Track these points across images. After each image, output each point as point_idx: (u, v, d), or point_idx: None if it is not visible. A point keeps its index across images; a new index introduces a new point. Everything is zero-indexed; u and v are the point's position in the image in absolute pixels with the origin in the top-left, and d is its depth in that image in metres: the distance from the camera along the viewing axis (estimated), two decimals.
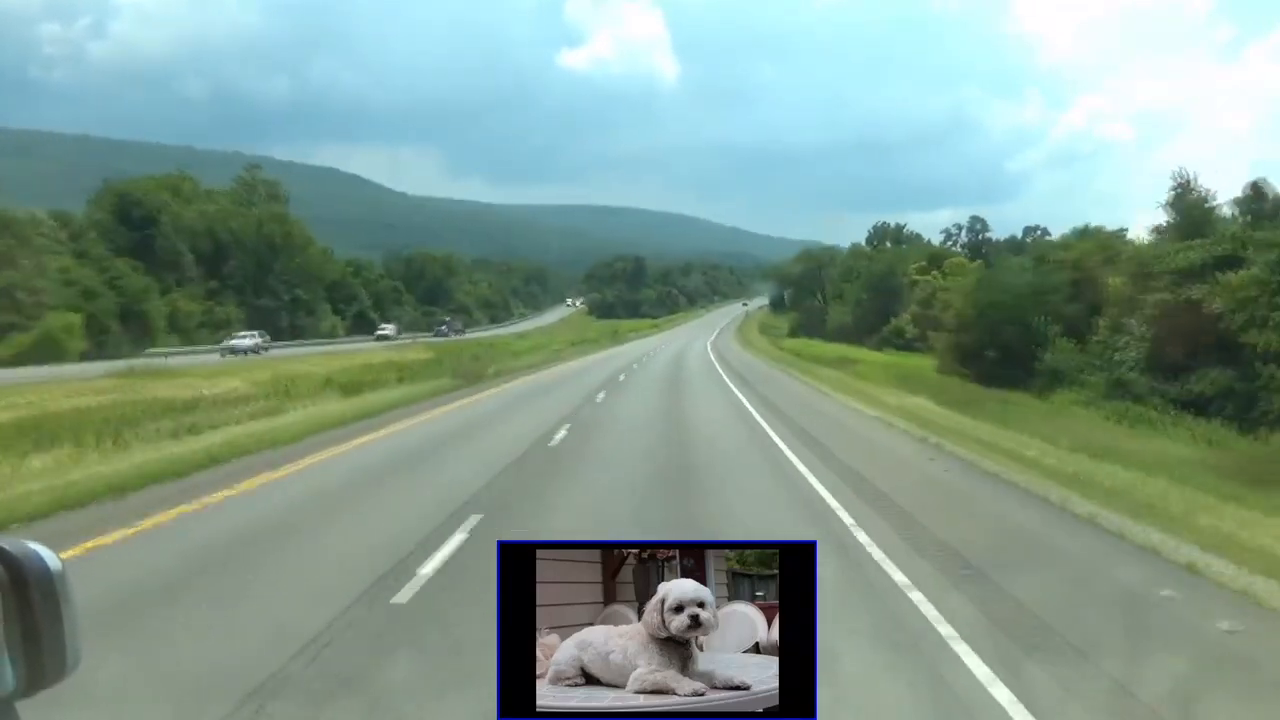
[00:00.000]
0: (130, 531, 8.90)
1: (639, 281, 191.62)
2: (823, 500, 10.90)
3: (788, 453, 15.00)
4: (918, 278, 69.96)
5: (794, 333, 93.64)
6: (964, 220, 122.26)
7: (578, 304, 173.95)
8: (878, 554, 8.08)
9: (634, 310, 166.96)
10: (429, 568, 7.50)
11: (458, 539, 8.54)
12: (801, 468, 13.38)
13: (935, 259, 75.76)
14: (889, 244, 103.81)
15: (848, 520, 9.63)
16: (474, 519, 9.45)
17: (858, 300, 77.66)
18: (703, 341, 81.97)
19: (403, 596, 6.71)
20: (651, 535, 5.66)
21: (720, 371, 41.85)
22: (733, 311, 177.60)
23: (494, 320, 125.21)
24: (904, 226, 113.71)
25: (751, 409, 23.23)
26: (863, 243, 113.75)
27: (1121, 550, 8.44)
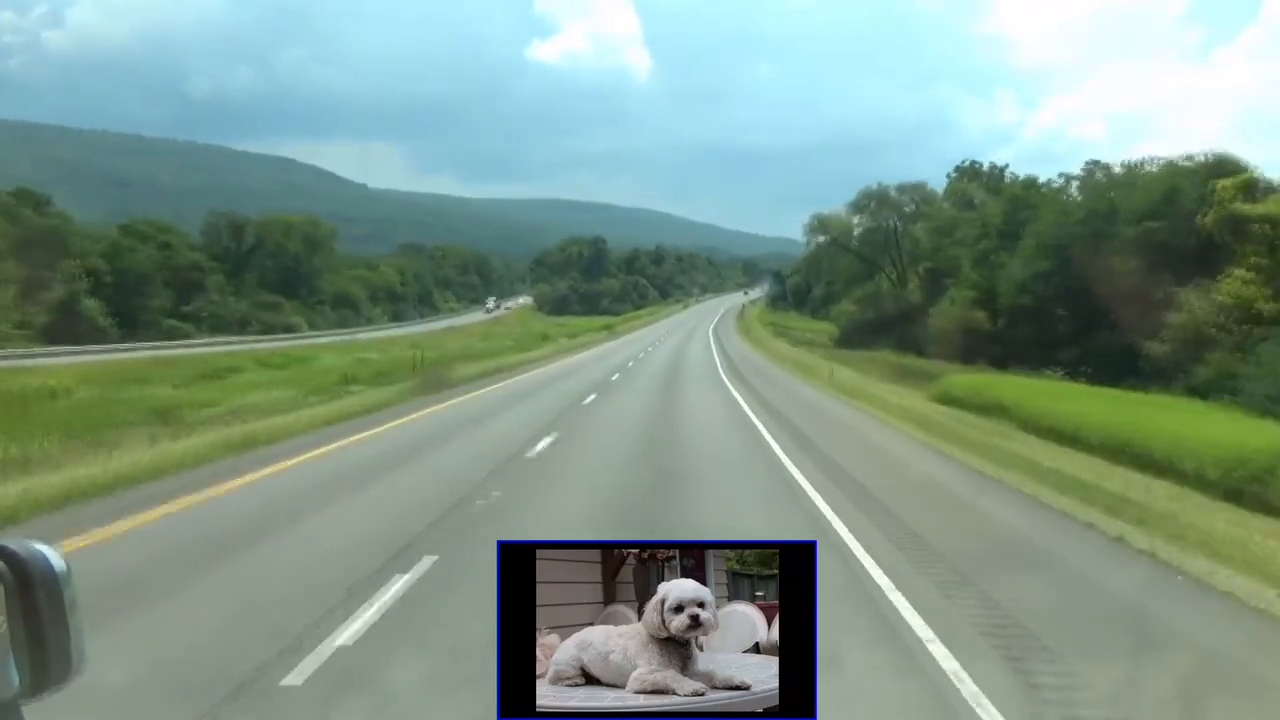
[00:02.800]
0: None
1: (598, 270, 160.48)
2: None
3: None
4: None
5: (843, 343, 59.26)
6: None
7: (508, 305, 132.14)
8: None
9: (592, 304, 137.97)
10: None
11: None
12: None
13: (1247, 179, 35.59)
14: (978, 195, 62.98)
15: None
16: None
17: (1024, 284, 41.28)
18: (705, 388, 30.56)
19: None
20: None
21: None
22: (724, 305, 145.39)
23: (398, 318, 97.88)
24: (1005, 166, 70.65)
25: None
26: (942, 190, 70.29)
27: None
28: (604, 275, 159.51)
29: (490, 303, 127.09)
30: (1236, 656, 6.17)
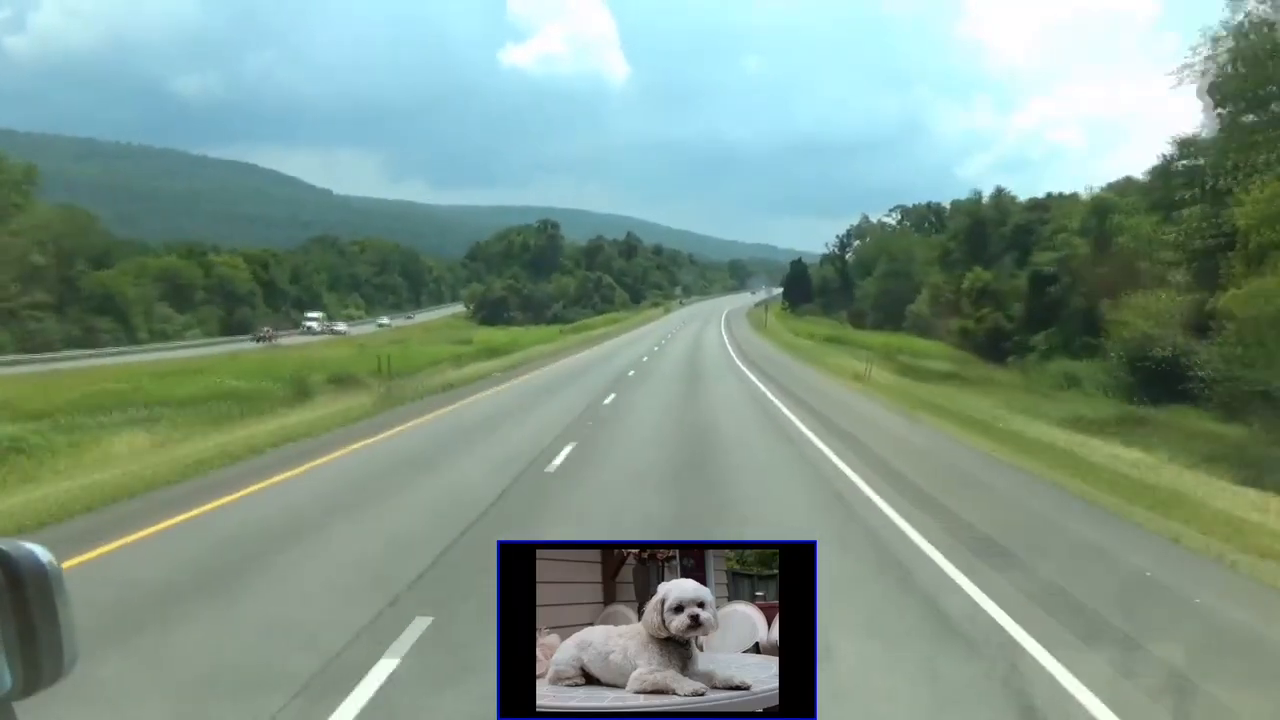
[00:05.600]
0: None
1: (549, 264, 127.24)
2: None
3: None
4: None
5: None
6: None
7: (391, 321, 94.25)
8: None
9: (539, 309, 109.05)
10: None
11: None
12: None
13: None
14: None
15: None
16: None
17: None
18: None
19: None
20: None
21: None
22: (724, 308, 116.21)
23: (236, 330, 70.31)
24: None
25: None
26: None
27: None
28: (556, 271, 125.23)
29: (314, 320, 79.31)
30: None
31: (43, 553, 1.25)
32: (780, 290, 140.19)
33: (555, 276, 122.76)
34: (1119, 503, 10.54)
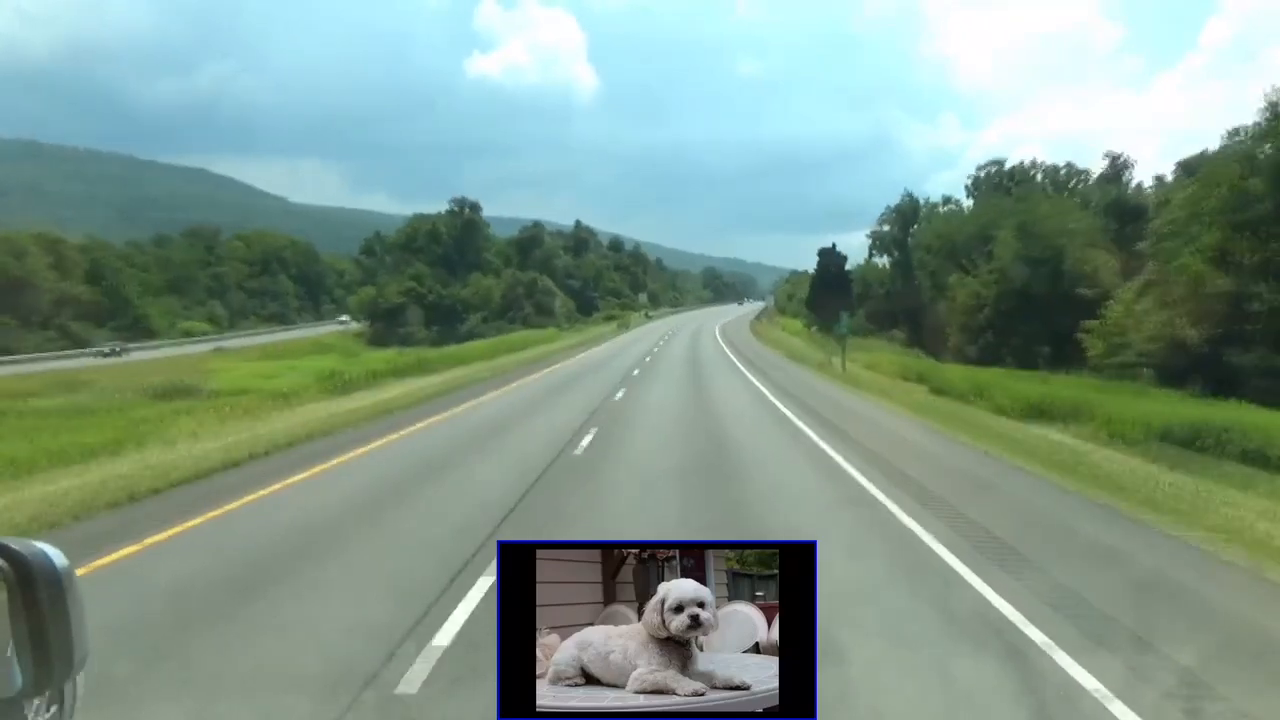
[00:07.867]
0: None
1: (466, 261, 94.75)
2: None
3: None
4: None
5: None
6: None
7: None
8: None
9: (449, 323, 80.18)
10: None
11: None
12: None
13: None
14: None
15: None
16: None
17: None
18: None
19: None
20: None
21: None
22: (721, 319, 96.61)
23: None
24: None
25: None
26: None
27: None
28: (477, 269, 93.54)
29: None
30: None
31: (54, 553, 1.26)
32: (762, 304, 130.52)
33: (475, 277, 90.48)
34: None
